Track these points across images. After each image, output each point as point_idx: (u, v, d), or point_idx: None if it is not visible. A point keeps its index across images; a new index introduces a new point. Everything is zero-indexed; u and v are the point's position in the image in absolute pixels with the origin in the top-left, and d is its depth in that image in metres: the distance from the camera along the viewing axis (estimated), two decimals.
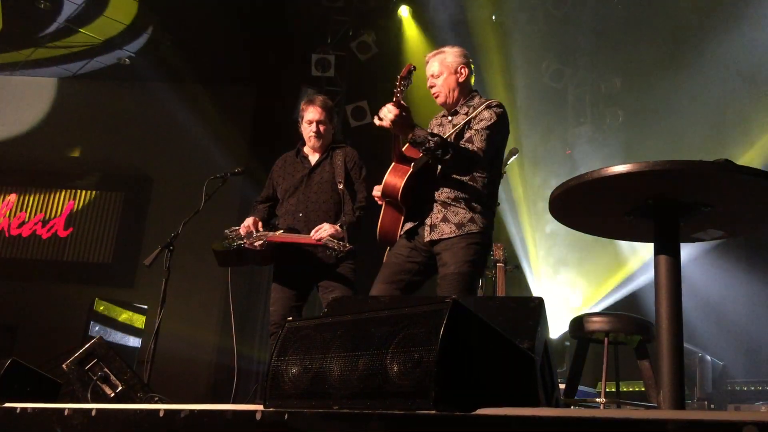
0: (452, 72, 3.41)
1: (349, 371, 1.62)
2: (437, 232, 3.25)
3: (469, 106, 3.41)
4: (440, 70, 3.42)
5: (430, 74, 3.45)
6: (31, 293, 8.80)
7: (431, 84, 3.45)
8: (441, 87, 3.42)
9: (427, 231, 3.27)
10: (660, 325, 2.20)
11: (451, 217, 3.24)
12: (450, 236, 3.22)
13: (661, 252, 2.26)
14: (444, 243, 3.23)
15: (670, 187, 2.18)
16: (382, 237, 3.42)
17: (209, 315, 8.52)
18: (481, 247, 3.25)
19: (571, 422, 1.20)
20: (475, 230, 3.22)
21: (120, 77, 9.79)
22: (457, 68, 3.42)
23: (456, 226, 3.22)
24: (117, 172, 9.58)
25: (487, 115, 3.29)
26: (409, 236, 3.35)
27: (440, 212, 3.27)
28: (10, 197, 9.64)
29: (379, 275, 3.34)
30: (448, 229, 3.23)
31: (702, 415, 1.06)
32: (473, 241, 3.21)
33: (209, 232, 4.21)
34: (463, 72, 3.42)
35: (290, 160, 4.26)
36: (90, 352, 3.39)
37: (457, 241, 3.20)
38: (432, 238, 3.25)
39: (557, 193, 2.31)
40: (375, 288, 3.29)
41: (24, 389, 3.14)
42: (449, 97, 3.43)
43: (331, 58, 8.45)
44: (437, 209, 3.28)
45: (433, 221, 3.27)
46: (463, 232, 3.21)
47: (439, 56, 3.45)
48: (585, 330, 3.70)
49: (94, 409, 2.18)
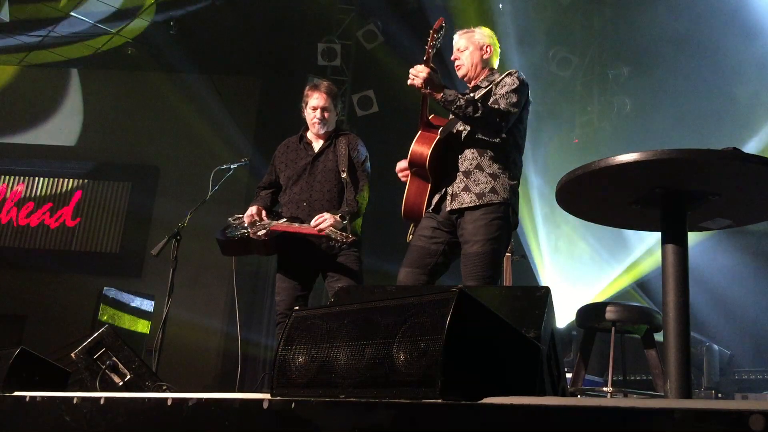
0: (478, 48, 3.47)
1: (355, 360, 1.62)
2: (458, 201, 3.23)
3: (490, 80, 3.43)
4: (467, 44, 3.48)
5: (457, 48, 3.51)
6: (40, 283, 8.85)
7: (455, 57, 3.51)
8: (465, 60, 3.48)
9: (449, 200, 3.26)
10: (667, 314, 2.19)
11: (471, 186, 3.23)
12: (470, 206, 3.20)
13: (669, 241, 2.25)
14: (466, 215, 3.21)
15: (677, 176, 2.17)
16: (407, 211, 3.39)
17: (216, 304, 8.56)
18: (504, 221, 3.22)
19: (578, 411, 1.20)
20: (496, 201, 3.20)
21: (127, 67, 9.80)
22: (483, 45, 3.48)
23: (477, 195, 3.20)
24: (124, 163, 9.61)
25: (509, 81, 3.31)
26: (435, 210, 3.32)
27: (462, 181, 3.26)
28: (18, 187, 9.68)
29: (405, 259, 3.31)
30: (468, 198, 3.21)
31: (709, 404, 1.06)
32: (495, 216, 3.18)
33: (216, 221, 4.22)
34: (488, 50, 3.49)
35: (293, 146, 4.21)
36: (98, 341, 3.41)
37: (479, 215, 3.18)
38: (452, 207, 3.24)
39: (564, 182, 2.30)
40: (401, 273, 3.27)
41: (33, 378, 3.15)
42: (471, 71, 3.47)
43: (337, 47, 8.43)
44: (459, 178, 3.27)
45: (455, 190, 3.26)
46: (483, 202, 3.19)
47: (468, 34, 3.51)
48: (592, 319, 3.70)
49: (103, 398, 2.19)
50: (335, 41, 8.46)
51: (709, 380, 5.49)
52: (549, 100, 8.14)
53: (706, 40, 7.03)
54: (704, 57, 7.03)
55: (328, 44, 8.42)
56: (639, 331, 3.75)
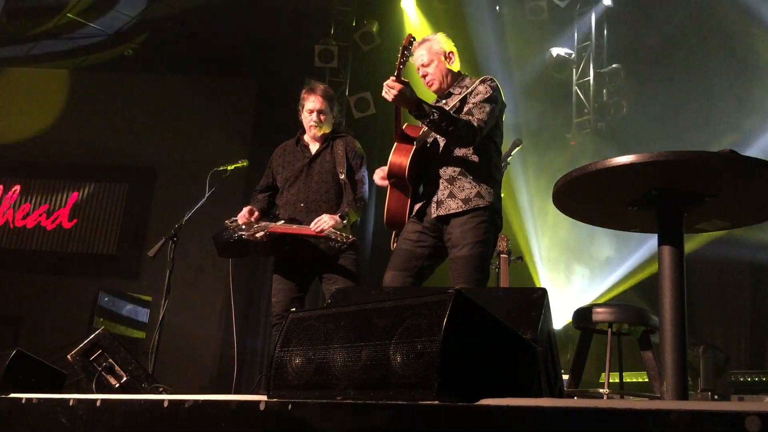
0: (442, 58, 3.44)
1: (352, 362, 1.62)
2: (444, 208, 3.25)
3: (461, 86, 3.43)
4: (430, 58, 3.44)
5: (420, 64, 3.46)
6: (36, 284, 8.84)
7: (423, 74, 3.47)
8: (434, 75, 3.45)
9: (434, 207, 3.28)
10: (664, 315, 2.20)
11: (457, 192, 3.25)
12: (457, 211, 3.22)
13: (665, 242, 2.25)
14: (452, 221, 3.24)
15: (673, 178, 2.17)
16: (389, 221, 3.41)
17: (213, 306, 8.55)
18: (490, 223, 3.25)
19: (574, 412, 1.20)
20: (483, 205, 3.23)
21: (123, 69, 9.79)
22: (446, 53, 3.45)
23: (462, 201, 3.23)
24: (121, 164, 9.59)
25: (483, 89, 3.32)
26: (418, 217, 3.34)
27: (446, 188, 3.27)
28: (15, 188, 9.66)
29: (390, 262, 3.33)
30: (455, 204, 3.23)
31: (705, 406, 1.06)
32: (482, 219, 3.22)
33: (213, 223, 4.21)
34: (452, 57, 3.46)
35: (290, 149, 4.21)
36: (95, 343, 3.40)
37: (466, 220, 3.21)
38: (439, 213, 3.25)
39: (561, 184, 2.30)
40: (387, 276, 3.28)
41: (29, 380, 3.15)
42: (443, 83, 3.46)
43: (335, 48, 8.43)
44: (443, 185, 3.29)
45: (440, 197, 3.27)
46: (470, 207, 3.21)
47: (426, 44, 3.46)
48: (589, 321, 3.70)
49: (99, 400, 2.19)
50: (332, 43, 8.46)
51: (706, 382, 5.49)
52: (546, 102, 8.15)
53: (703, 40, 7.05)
54: (703, 58, 7.04)
55: (325, 46, 8.42)
56: (635, 332, 3.75)
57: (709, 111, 6.91)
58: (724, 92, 6.96)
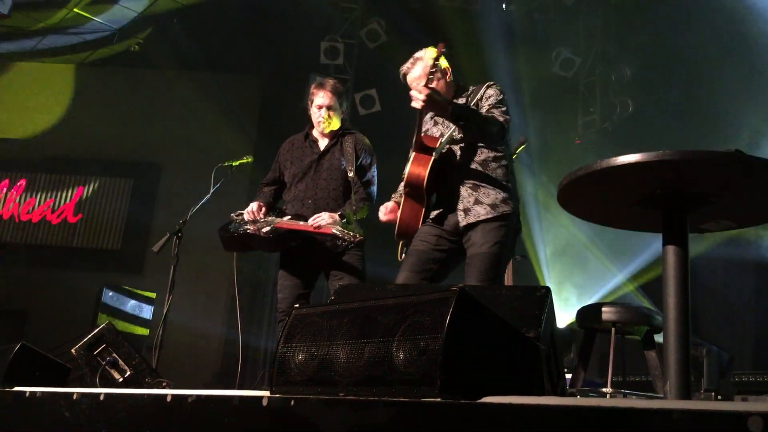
0: (439, 75, 3.34)
1: (355, 358, 1.63)
2: (473, 215, 3.22)
3: (464, 96, 3.41)
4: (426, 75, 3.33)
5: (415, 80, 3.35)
6: (41, 278, 8.86)
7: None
8: None
9: (462, 216, 3.25)
10: (667, 315, 2.19)
11: (483, 198, 3.24)
12: (487, 217, 3.21)
13: (670, 242, 2.25)
14: (479, 226, 3.22)
15: (678, 178, 2.16)
16: (401, 231, 3.38)
17: (217, 301, 8.56)
18: (512, 227, 3.27)
19: (576, 411, 1.20)
20: (509, 211, 3.24)
21: (129, 64, 9.81)
22: (442, 69, 3.36)
23: (490, 206, 3.22)
24: (126, 159, 9.61)
25: (494, 92, 3.33)
26: (436, 222, 3.32)
27: (471, 195, 3.25)
28: (21, 182, 9.69)
29: (404, 263, 3.30)
30: (483, 210, 3.22)
31: (707, 405, 1.06)
32: (506, 223, 3.22)
33: (217, 219, 4.22)
34: (448, 70, 3.40)
35: (298, 144, 4.17)
36: (99, 337, 3.42)
37: (493, 224, 3.20)
38: (468, 221, 3.23)
39: (566, 183, 2.30)
40: (401, 276, 3.26)
41: (33, 374, 3.15)
42: (448, 95, 3.38)
43: (340, 45, 8.43)
44: (467, 193, 3.26)
45: (465, 205, 3.25)
46: (499, 213, 3.21)
47: (420, 63, 3.37)
48: (592, 320, 3.70)
49: (103, 394, 2.19)
50: (338, 39, 8.46)
51: (709, 382, 5.48)
52: (552, 101, 8.13)
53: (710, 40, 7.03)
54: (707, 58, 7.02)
55: (331, 42, 8.41)
56: (639, 332, 3.75)
57: (716, 111, 6.89)
58: (730, 92, 6.94)
